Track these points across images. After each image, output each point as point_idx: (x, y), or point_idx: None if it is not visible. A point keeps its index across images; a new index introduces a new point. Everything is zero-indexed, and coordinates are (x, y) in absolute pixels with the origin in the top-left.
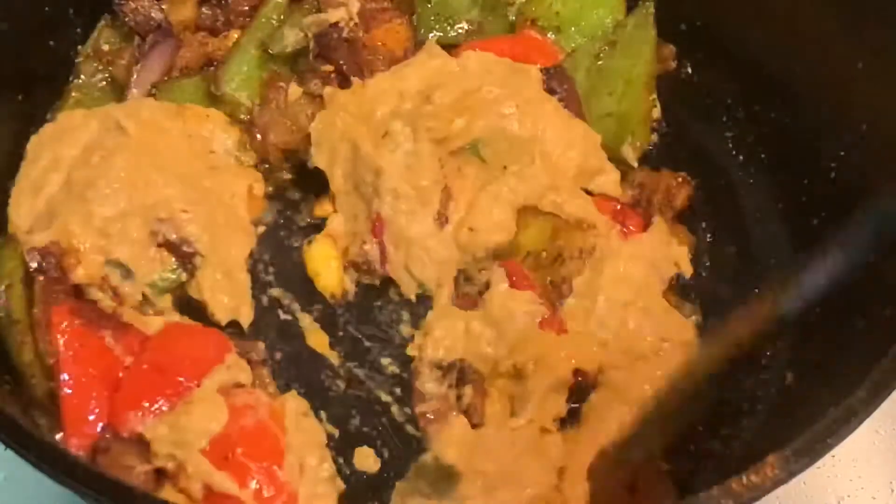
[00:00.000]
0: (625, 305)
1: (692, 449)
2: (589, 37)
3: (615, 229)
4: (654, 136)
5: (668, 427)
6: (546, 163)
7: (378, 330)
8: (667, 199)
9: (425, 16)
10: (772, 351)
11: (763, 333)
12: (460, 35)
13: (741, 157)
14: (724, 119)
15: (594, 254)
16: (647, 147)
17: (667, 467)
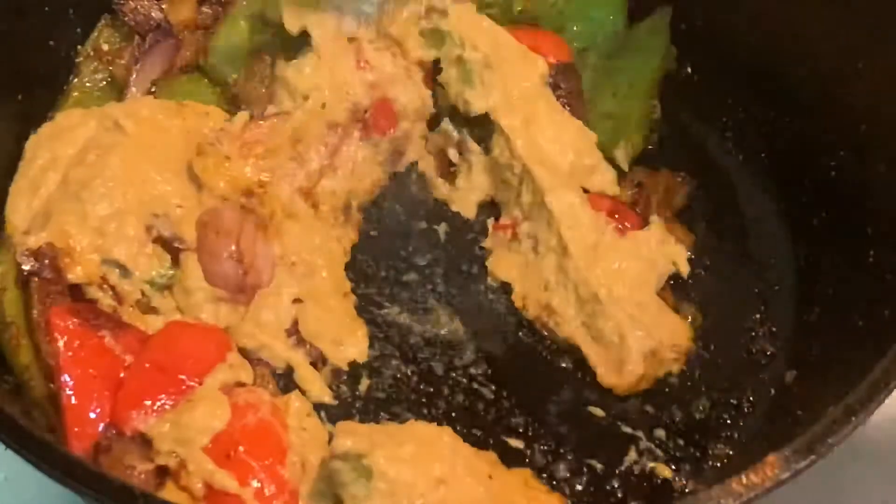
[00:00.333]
0: (618, 301)
1: (692, 449)
2: (591, 35)
3: (611, 226)
4: (654, 136)
5: None
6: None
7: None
8: (665, 198)
9: None
10: (772, 351)
11: None
12: None
13: (741, 156)
14: (724, 119)
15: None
16: (640, 151)
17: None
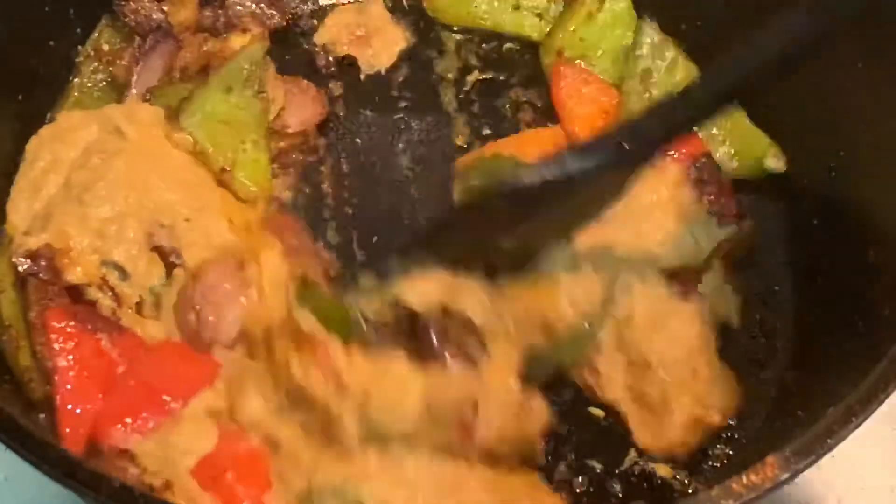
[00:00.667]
0: (670, 366)
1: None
2: (612, 57)
3: (674, 290)
4: None
5: None
6: None
7: None
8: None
9: None
10: (772, 351)
11: None
12: None
13: None
14: None
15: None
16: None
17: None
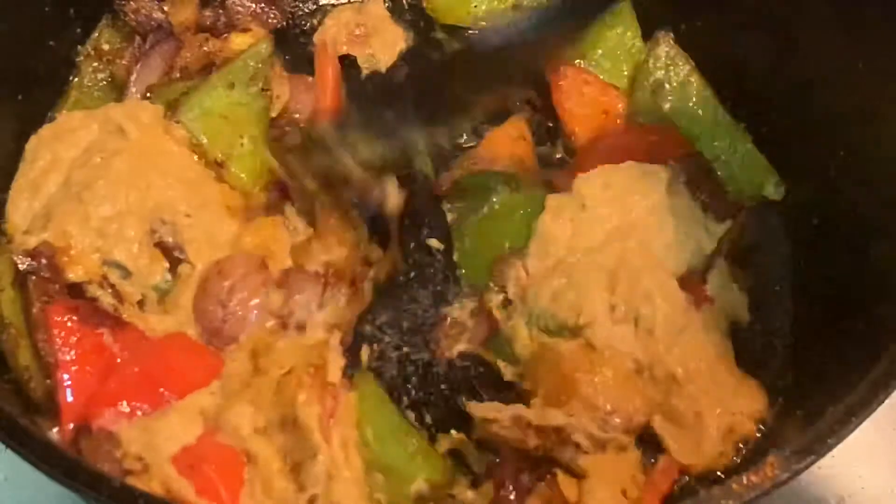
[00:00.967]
0: (695, 378)
1: None
2: (613, 57)
3: (688, 300)
4: None
5: None
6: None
7: None
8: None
9: None
10: (771, 351)
11: None
12: None
13: None
14: None
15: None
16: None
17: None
